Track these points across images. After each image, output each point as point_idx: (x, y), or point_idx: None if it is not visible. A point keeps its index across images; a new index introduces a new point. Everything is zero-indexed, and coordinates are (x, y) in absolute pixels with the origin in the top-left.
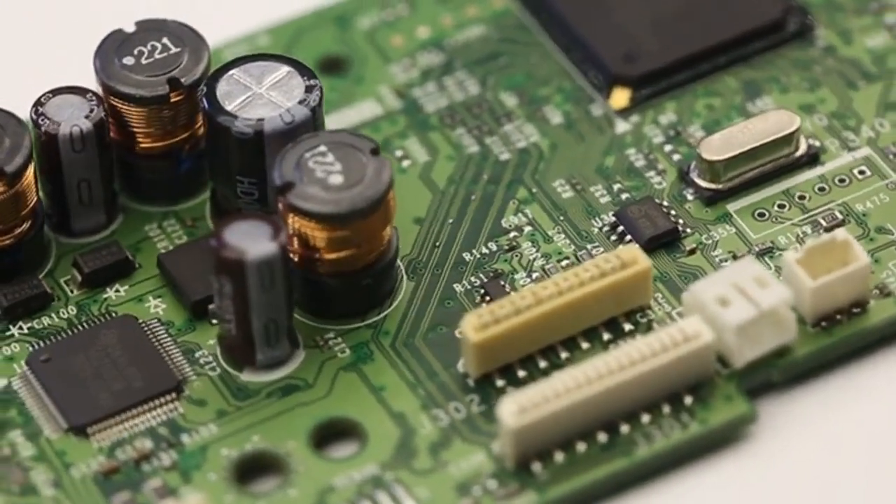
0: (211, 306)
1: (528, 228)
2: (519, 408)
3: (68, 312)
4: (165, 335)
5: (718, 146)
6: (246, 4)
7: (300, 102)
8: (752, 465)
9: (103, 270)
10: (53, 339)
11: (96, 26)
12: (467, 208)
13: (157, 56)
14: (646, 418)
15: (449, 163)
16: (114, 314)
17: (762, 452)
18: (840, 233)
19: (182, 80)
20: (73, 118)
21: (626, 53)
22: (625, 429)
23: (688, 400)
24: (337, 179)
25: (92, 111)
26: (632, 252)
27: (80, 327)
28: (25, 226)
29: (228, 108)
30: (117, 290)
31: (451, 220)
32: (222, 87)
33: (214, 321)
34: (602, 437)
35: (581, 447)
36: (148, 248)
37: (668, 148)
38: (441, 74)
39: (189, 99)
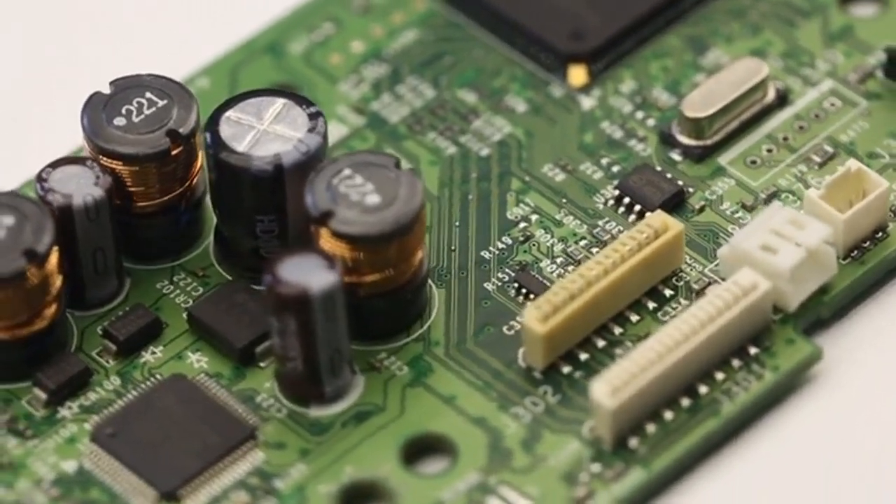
0: (258, 349)
1: (535, 217)
2: (612, 388)
3: (112, 383)
4: (218, 387)
5: (700, 103)
6: (169, 48)
7: (310, 131)
8: (825, 402)
9: (136, 335)
10: (108, 412)
11: (49, 91)
12: (468, 209)
13: (146, 112)
14: (720, 376)
15: (433, 168)
16: (159, 376)
17: (831, 388)
18: (852, 163)
19: (180, 130)
20: (82, 188)
21: (573, 31)
22: (703, 390)
23: (753, 351)
24: (374, 199)
25: (98, 178)
26: (660, 218)
27: (130, 396)
28: (54, 306)
29: (240, 149)
30: (153, 353)
31: (457, 223)
32: (226, 131)
33: (263, 364)
34: (685, 401)
35: (669, 415)
36: (167, 306)
37: (639, 115)
38: (392, 84)
39: (187, 150)
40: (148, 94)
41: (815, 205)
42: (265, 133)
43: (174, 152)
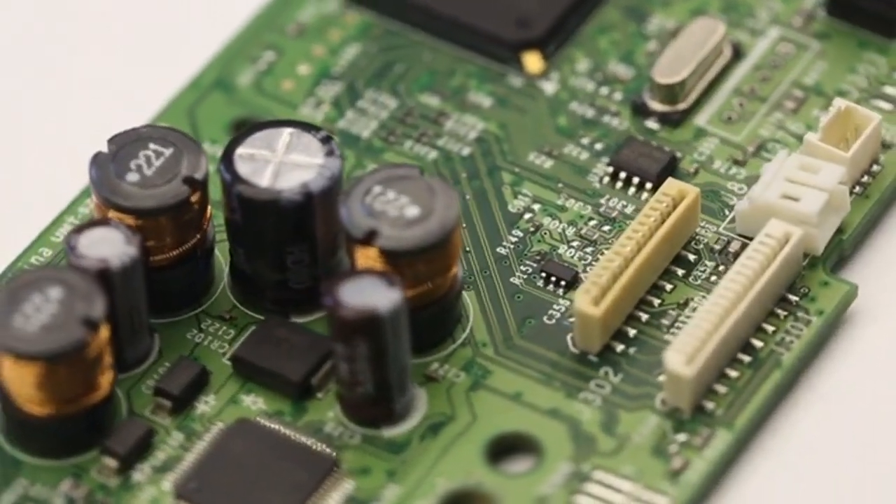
0: (314, 380)
1: (537, 206)
2: (686, 357)
3: (176, 439)
4: (283, 424)
5: (669, 68)
6: (112, 98)
7: (329, 155)
8: (869, 335)
9: (188, 388)
10: (183, 468)
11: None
12: (469, 209)
13: (157, 164)
14: (770, 329)
15: None
16: (220, 424)
17: (871, 320)
18: (840, 102)
19: (195, 176)
20: (115, 249)
21: (517, 20)
22: (759, 344)
23: (794, 299)
24: (413, 211)
25: (128, 237)
26: (675, 186)
27: (198, 448)
28: (110, 372)
29: (264, 184)
30: (206, 402)
31: (463, 225)
32: (243, 168)
33: (320, 395)
34: (746, 358)
35: (734, 374)
36: (204, 354)
37: (604, 91)
38: (352, 100)
39: (203, 196)
40: (152, 146)
41: (817, 148)
42: (283, 164)
43: (193, 200)
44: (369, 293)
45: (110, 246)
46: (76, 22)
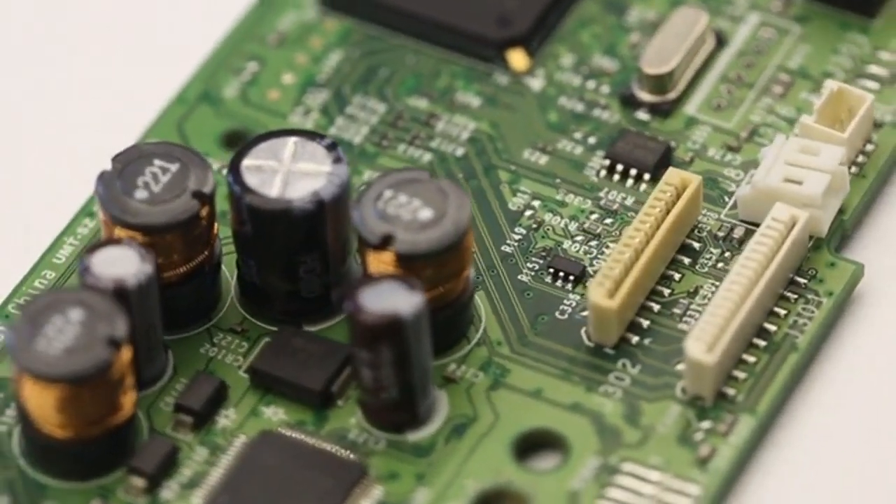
0: (333, 387)
1: (537, 203)
2: (706, 345)
3: (200, 455)
4: (307, 434)
5: (657, 59)
6: (100, 117)
7: (336, 162)
8: (879, 312)
9: (208, 403)
10: (210, 483)
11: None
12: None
13: (164, 180)
14: (782, 312)
15: None
16: (243, 437)
17: (879, 297)
18: (831, 83)
19: (204, 190)
20: (131, 267)
21: (498, 18)
22: (772, 328)
23: (802, 281)
24: (426, 213)
25: (142, 255)
26: (677, 175)
27: (223, 462)
28: (133, 392)
29: (273, 194)
30: (226, 416)
31: None
32: (252, 180)
33: (341, 402)
34: (761, 342)
35: (751, 359)
36: (220, 368)
37: (590, 84)
38: (340, 107)
39: (211, 210)
40: (157, 162)
41: (813, 130)
42: (291, 174)
43: (203, 214)
44: (390, 298)
45: (125, 265)
46: (57, 44)
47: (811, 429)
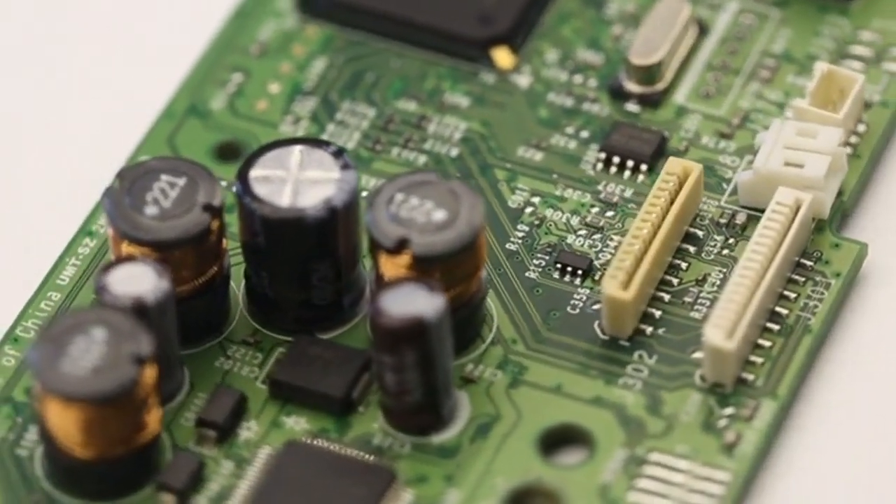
0: (354, 394)
1: (536, 199)
2: (725, 332)
3: (226, 468)
4: (331, 442)
5: (645, 49)
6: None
7: (344, 168)
8: (882, 289)
9: (231, 416)
10: (240, 496)
11: None
12: None
13: (173, 194)
14: (792, 295)
15: None
16: (267, 448)
17: (883, 275)
18: (822, 65)
19: (213, 203)
20: (148, 283)
21: (480, 17)
22: (784, 311)
23: (808, 264)
24: (440, 215)
25: (158, 271)
26: (678, 164)
27: (250, 475)
28: (158, 409)
29: (285, 203)
30: (248, 429)
31: None
32: (261, 190)
33: (361, 408)
34: (774, 326)
35: (766, 343)
36: (237, 381)
37: (577, 79)
38: (330, 113)
39: (221, 223)
40: (164, 177)
41: (808, 112)
42: (301, 182)
43: (213, 227)
44: (412, 301)
45: (142, 282)
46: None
47: (831, 409)
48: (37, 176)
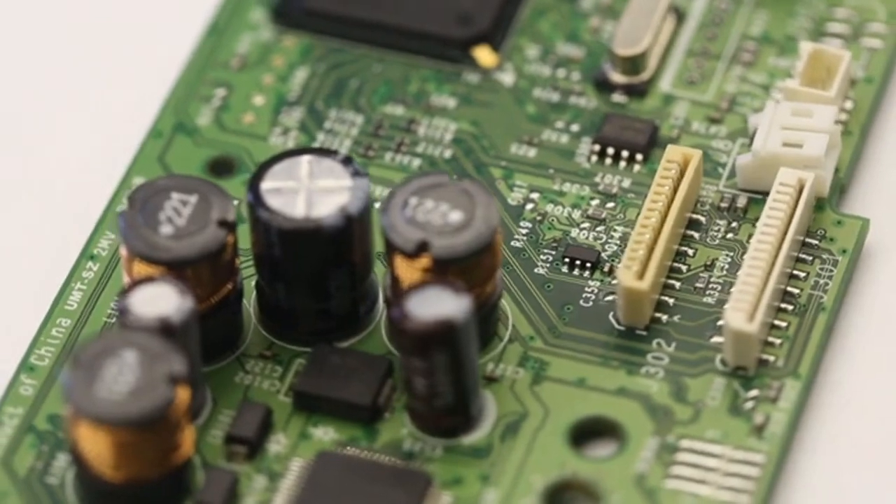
0: (379, 400)
1: (535, 195)
2: (746, 315)
3: (259, 483)
4: (363, 450)
5: (628, 40)
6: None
7: (356, 175)
8: (887, 263)
9: (260, 431)
10: None
11: None
12: None
13: (185, 212)
14: (801, 274)
15: None
16: (298, 461)
17: (883, 248)
18: (807, 45)
19: (227, 219)
20: (172, 304)
21: (458, 17)
22: (796, 290)
23: (814, 242)
24: (457, 216)
25: (181, 290)
26: (678, 151)
27: (284, 489)
28: (190, 430)
29: (299, 214)
30: (277, 442)
31: None
32: (274, 202)
33: (387, 414)
34: (787, 306)
35: (782, 323)
36: (260, 395)
37: (561, 73)
38: (318, 122)
39: (234, 238)
40: (175, 195)
41: (800, 93)
42: (313, 192)
43: (229, 241)
44: (439, 304)
45: (165, 302)
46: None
47: (852, 384)
48: (31, 204)
